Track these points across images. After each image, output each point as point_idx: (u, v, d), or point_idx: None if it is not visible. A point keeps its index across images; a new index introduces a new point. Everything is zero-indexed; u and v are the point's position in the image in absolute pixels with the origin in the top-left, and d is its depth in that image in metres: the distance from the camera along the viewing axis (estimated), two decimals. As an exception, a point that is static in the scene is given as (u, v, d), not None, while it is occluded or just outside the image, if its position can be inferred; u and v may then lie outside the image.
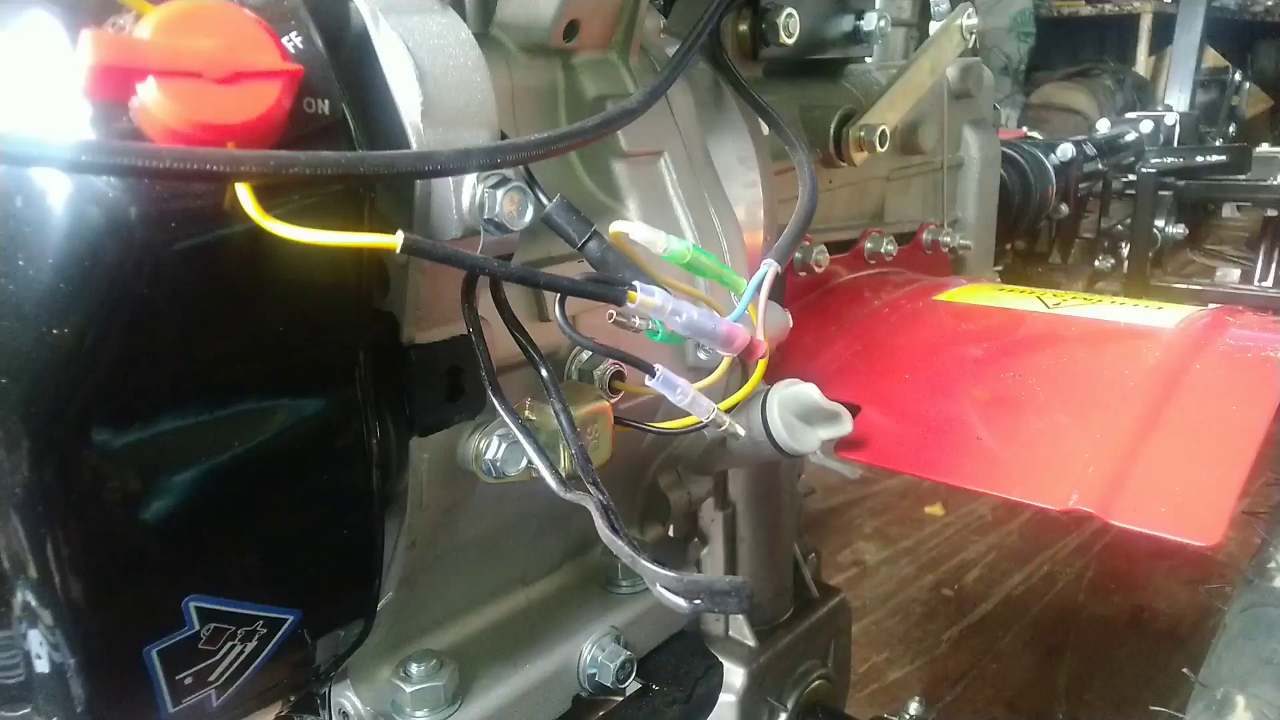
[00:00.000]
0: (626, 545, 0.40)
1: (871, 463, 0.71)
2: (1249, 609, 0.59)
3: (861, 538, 2.00)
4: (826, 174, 0.92)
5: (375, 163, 0.37)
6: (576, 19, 0.60)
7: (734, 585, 0.40)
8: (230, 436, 0.40)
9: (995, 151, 1.18)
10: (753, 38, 0.80)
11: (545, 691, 0.61)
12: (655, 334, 0.46)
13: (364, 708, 0.55)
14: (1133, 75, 3.65)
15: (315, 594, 0.46)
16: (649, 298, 0.44)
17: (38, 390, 0.35)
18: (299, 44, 0.39)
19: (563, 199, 0.47)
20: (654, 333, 0.46)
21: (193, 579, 0.41)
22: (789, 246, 0.58)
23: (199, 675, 0.42)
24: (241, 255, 0.38)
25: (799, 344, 0.80)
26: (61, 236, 0.34)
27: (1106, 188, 1.73)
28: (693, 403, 0.48)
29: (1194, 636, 1.66)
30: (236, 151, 0.34)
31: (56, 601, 0.38)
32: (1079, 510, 0.59)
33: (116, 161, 0.31)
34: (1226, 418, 0.62)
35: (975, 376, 0.74)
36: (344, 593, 0.49)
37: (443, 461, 0.51)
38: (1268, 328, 0.75)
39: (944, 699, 1.56)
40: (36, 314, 0.34)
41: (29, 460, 0.35)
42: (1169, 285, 1.72)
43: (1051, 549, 1.97)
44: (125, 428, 0.37)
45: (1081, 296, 0.88)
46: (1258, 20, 5.08)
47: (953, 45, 0.96)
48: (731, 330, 0.49)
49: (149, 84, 0.33)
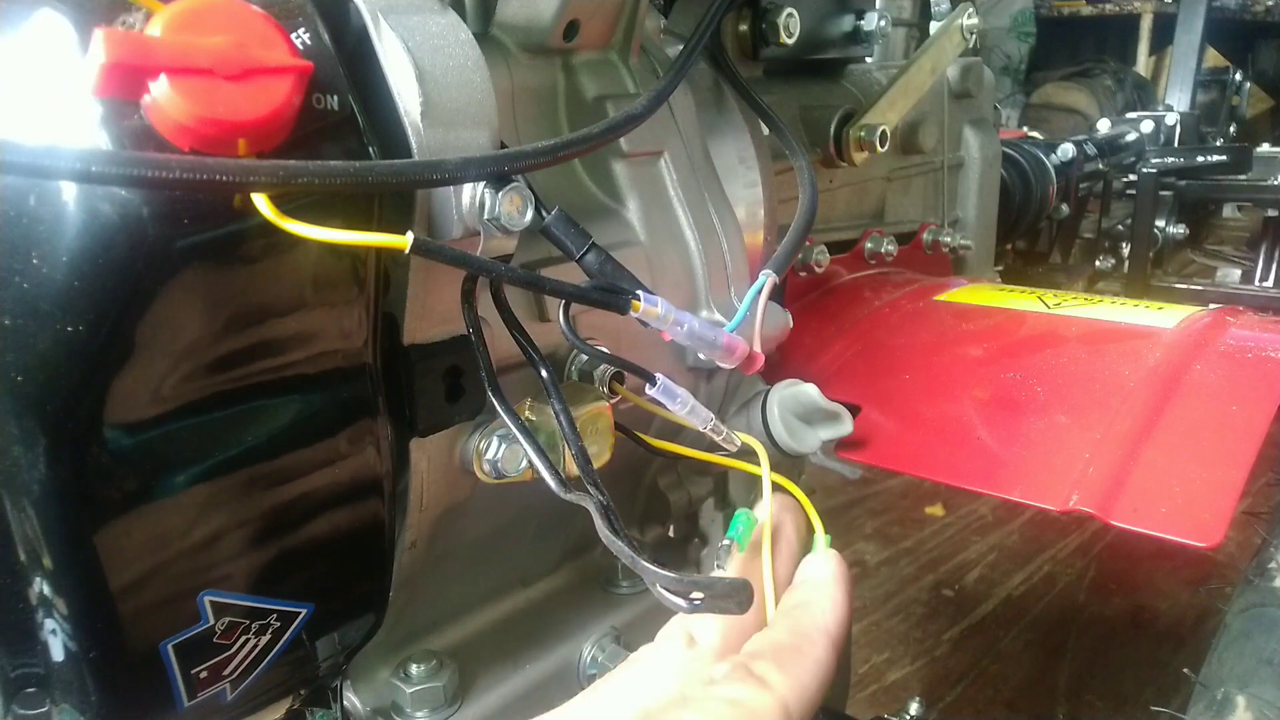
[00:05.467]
0: (626, 546, 0.40)
1: (871, 463, 0.71)
2: (1249, 609, 0.59)
3: (862, 538, 2.00)
4: (827, 174, 0.92)
5: (383, 172, 0.38)
6: (576, 19, 0.60)
7: (734, 585, 0.40)
8: (245, 431, 0.40)
9: (996, 151, 1.18)
10: (753, 38, 0.80)
11: (545, 691, 0.61)
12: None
13: (364, 708, 0.55)
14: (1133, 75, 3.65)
15: (328, 587, 0.47)
16: (651, 307, 0.45)
17: (53, 387, 0.35)
18: (308, 40, 0.39)
19: (561, 211, 0.47)
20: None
21: (207, 574, 0.41)
22: (787, 256, 0.58)
23: (214, 669, 0.43)
24: (254, 251, 0.38)
25: (799, 344, 0.80)
26: (74, 234, 0.34)
27: (1107, 188, 1.73)
28: (692, 412, 0.48)
29: (1194, 637, 1.66)
30: (247, 161, 0.34)
31: (72, 596, 0.38)
32: (1079, 511, 0.59)
33: (126, 172, 0.31)
34: (1227, 418, 0.62)
35: (975, 376, 0.74)
36: (356, 586, 0.49)
37: (443, 462, 0.51)
38: (1268, 328, 0.74)
39: (944, 699, 1.56)
40: (51, 311, 0.35)
41: (45, 456, 0.36)
42: (1169, 285, 1.71)
43: (1052, 549, 1.97)
44: (140, 424, 0.37)
45: (1082, 297, 0.88)
46: (1258, 20, 5.07)
47: (953, 45, 0.96)
48: (731, 341, 0.50)
49: (161, 82, 0.33)
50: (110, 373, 0.36)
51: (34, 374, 0.35)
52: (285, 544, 0.44)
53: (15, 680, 0.41)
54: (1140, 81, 3.61)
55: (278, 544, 0.43)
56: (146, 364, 0.36)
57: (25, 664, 0.41)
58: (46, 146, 0.30)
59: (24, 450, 0.36)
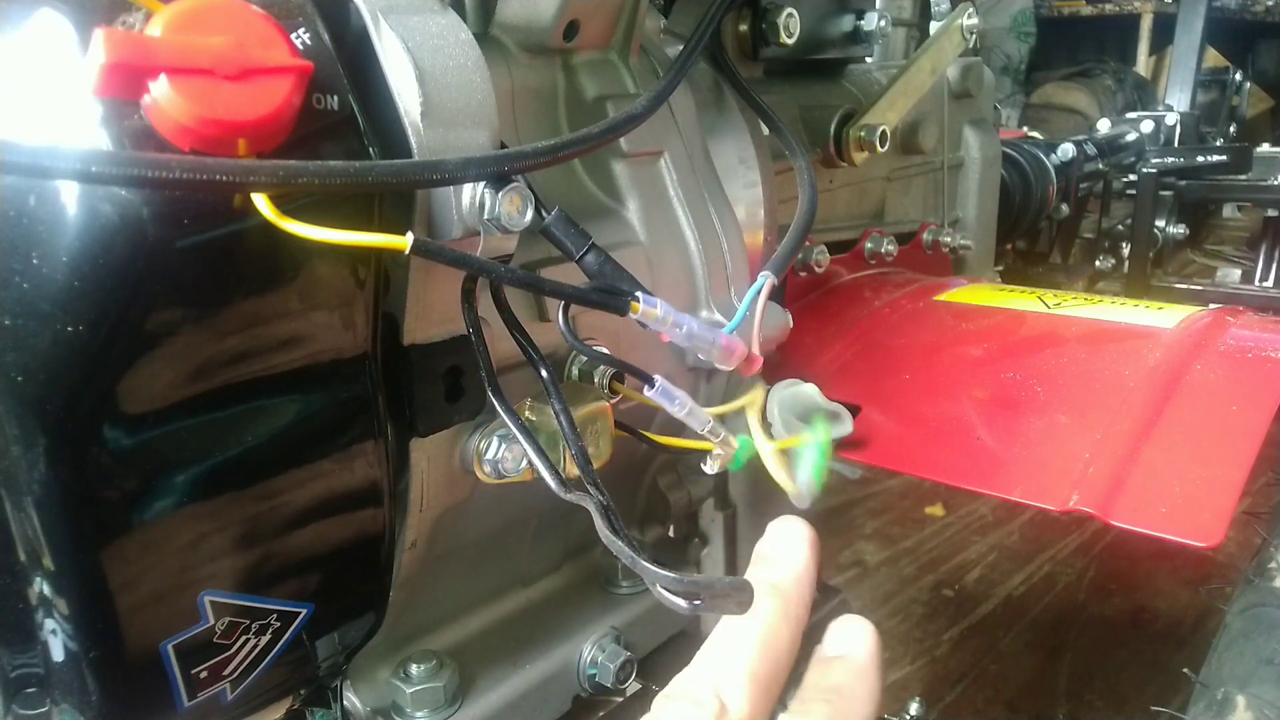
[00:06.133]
0: (626, 546, 0.40)
1: (872, 463, 0.71)
2: (1249, 609, 0.59)
3: (862, 538, 2.00)
4: (827, 174, 0.92)
5: (383, 172, 0.38)
6: (576, 19, 0.60)
7: (734, 585, 0.40)
8: (245, 431, 0.40)
9: (996, 151, 1.18)
10: (753, 38, 0.80)
11: (545, 692, 0.61)
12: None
13: (364, 708, 0.55)
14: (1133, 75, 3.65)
15: (328, 588, 0.47)
16: (650, 308, 0.45)
17: (53, 387, 0.35)
18: (307, 40, 0.39)
19: (561, 211, 0.47)
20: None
21: (207, 574, 0.41)
22: (787, 257, 0.58)
23: (214, 669, 0.43)
24: (254, 251, 0.38)
25: (799, 344, 0.80)
26: (74, 234, 0.34)
27: (1107, 188, 1.73)
28: (690, 414, 0.48)
29: (1194, 637, 1.66)
30: (247, 161, 0.34)
31: (72, 596, 0.38)
32: (1079, 511, 0.59)
33: (126, 172, 0.31)
34: (1227, 418, 0.62)
35: (975, 376, 0.74)
36: (356, 586, 0.49)
37: (443, 462, 0.51)
38: (1268, 328, 0.74)
39: (944, 699, 1.56)
40: (51, 311, 0.35)
41: (45, 456, 0.36)
42: (1169, 285, 1.71)
43: (1052, 549, 1.97)
44: (141, 424, 0.37)
45: (1082, 297, 0.88)
46: (1258, 20, 5.07)
47: (953, 45, 0.96)
48: (730, 343, 0.50)
49: (161, 82, 0.33)
50: (110, 373, 0.36)
51: (34, 374, 0.35)
52: (285, 544, 0.44)
53: (15, 680, 0.41)
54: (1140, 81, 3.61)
55: (278, 544, 0.43)
56: (146, 364, 0.36)
57: (25, 664, 0.41)
58: (46, 146, 0.30)
59: (24, 450, 0.36)
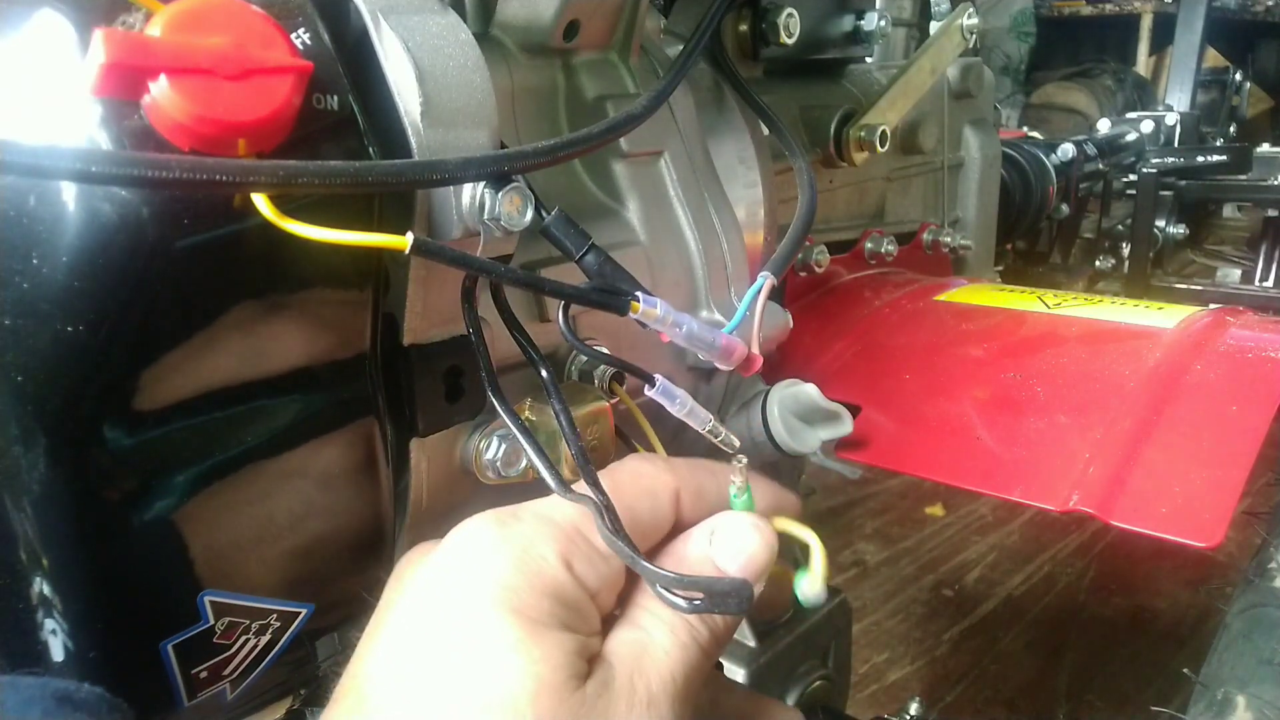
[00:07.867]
0: (626, 546, 0.40)
1: (872, 463, 0.71)
2: (1249, 609, 0.59)
3: (862, 538, 2.00)
4: (826, 174, 0.92)
5: (383, 172, 0.38)
6: (577, 19, 0.60)
7: (734, 585, 0.40)
8: (245, 431, 0.40)
9: (996, 151, 1.18)
10: (753, 38, 0.80)
11: (545, 692, 0.61)
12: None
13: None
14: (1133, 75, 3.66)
15: (328, 587, 0.47)
16: (650, 308, 0.45)
17: (53, 387, 0.35)
18: (307, 40, 0.39)
19: (561, 212, 0.47)
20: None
21: (207, 574, 0.41)
22: (787, 257, 0.58)
23: (214, 669, 0.43)
24: (254, 251, 0.38)
25: (799, 344, 0.80)
26: (74, 234, 0.34)
27: (1107, 188, 1.73)
28: (690, 413, 0.48)
29: (1194, 637, 1.66)
30: (247, 161, 0.34)
31: (72, 596, 0.38)
32: (1079, 511, 0.59)
33: (126, 172, 0.31)
34: (1227, 418, 0.62)
35: (975, 376, 0.74)
36: (356, 585, 0.49)
37: (443, 462, 0.51)
38: (1268, 328, 0.74)
39: (944, 699, 1.56)
40: (51, 311, 0.35)
41: (45, 456, 0.36)
42: (1169, 285, 1.71)
43: (1052, 549, 1.97)
44: (140, 424, 0.37)
45: (1082, 297, 0.88)
46: (1258, 20, 5.07)
47: (953, 45, 0.96)
48: (730, 343, 0.50)
49: (161, 82, 0.33)
50: (110, 373, 0.36)
51: (34, 374, 0.35)
52: (285, 544, 0.44)
53: (15, 680, 0.41)
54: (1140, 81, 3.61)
55: (278, 544, 0.43)
56: (146, 364, 0.36)
57: (25, 664, 0.41)
58: (46, 146, 0.30)
59: (24, 450, 0.36)
